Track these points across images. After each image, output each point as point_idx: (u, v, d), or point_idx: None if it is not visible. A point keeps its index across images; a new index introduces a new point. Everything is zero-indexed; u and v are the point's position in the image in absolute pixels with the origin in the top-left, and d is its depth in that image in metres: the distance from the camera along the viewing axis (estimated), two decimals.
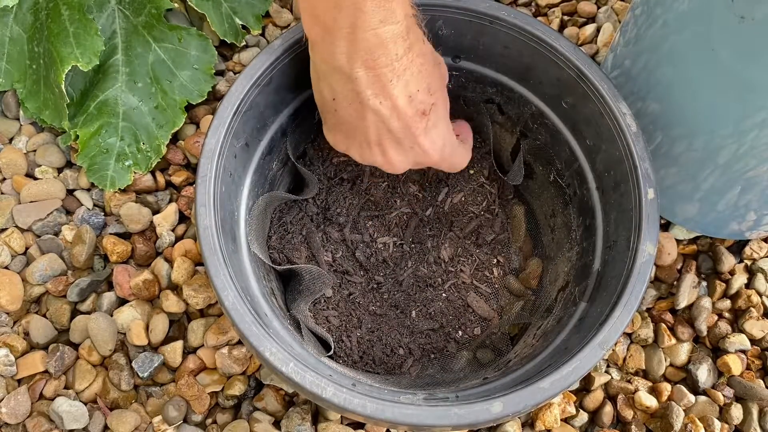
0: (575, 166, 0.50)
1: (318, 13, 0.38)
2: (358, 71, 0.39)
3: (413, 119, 0.41)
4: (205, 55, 0.61)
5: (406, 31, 0.38)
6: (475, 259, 0.54)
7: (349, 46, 0.38)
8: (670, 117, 0.48)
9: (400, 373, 0.49)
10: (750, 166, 0.45)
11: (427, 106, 0.42)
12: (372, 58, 0.38)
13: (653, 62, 0.47)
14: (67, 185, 0.59)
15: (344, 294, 0.52)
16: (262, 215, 0.49)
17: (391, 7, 0.37)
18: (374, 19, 0.36)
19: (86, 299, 0.55)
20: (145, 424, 0.51)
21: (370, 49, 0.38)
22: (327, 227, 0.53)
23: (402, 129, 0.42)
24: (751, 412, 0.52)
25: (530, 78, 0.50)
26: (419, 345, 0.51)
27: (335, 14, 0.36)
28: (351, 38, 0.37)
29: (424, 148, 0.43)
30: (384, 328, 0.51)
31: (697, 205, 0.53)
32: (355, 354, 0.50)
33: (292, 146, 0.51)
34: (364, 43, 0.37)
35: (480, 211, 0.55)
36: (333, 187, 0.54)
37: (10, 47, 0.59)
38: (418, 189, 0.55)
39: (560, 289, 0.50)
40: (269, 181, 0.51)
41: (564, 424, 0.52)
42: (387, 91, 0.40)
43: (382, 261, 0.53)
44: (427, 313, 0.52)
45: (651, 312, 0.56)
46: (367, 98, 0.40)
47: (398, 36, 0.38)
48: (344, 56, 0.38)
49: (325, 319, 0.51)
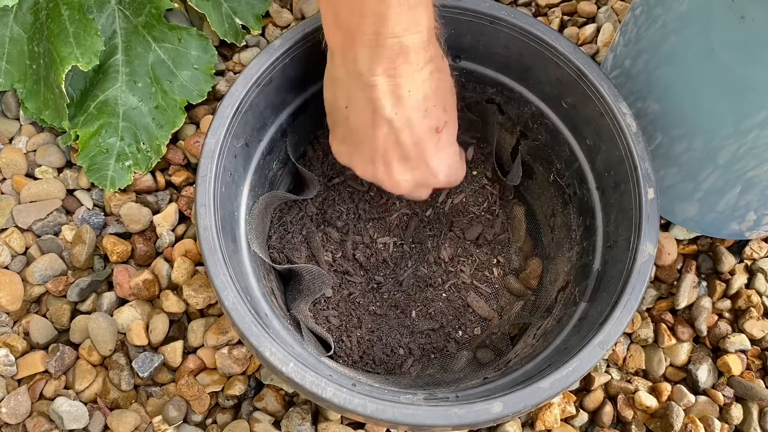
0: (575, 166, 0.50)
1: (341, 19, 0.37)
2: (377, 78, 0.38)
3: (425, 134, 0.41)
4: (205, 55, 0.61)
5: (427, 42, 0.38)
6: (475, 259, 0.54)
7: (371, 52, 0.37)
8: (669, 117, 0.48)
9: (400, 373, 0.49)
10: (750, 167, 0.45)
11: (441, 123, 0.41)
12: (393, 66, 0.38)
13: (653, 62, 0.47)
14: (67, 185, 0.59)
15: (344, 294, 0.52)
16: (262, 214, 0.49)
17: (415, 17, 0.37)
18: (398, 27, 0.36)
19: (86, 299, 0.55)
20: (145, 424, 0.51)
21: (391, 57, 0.37)
22: (327, 227, 0.53)
23: (412, 144, 0.41)
24: (751, 412, 0.52)
25: (530, 78, 0.50)
26: (419, 345, 0.51)
27: (358, 21, 0.36)
28: (373, 45, 0.37)
29: (432, 166, 0.42)
30: (384, 328, 0.51)
31: (696, 205, 0.53)
32: (355, 354, 0.50)
33: (292, 147, 0.51)
34: (386, 50, 0.37)
35: (480, 212, 0.55)
36: (333, 188, 0.54)
37: (10, 47, 0.59)
38: None
39: (560, 289, 0.50)
40: (269, 181, 0.51)
41: (564, 424, 0.52)
42: (403, 101, 0.39)
43: (382, 261, 0.53)
44: (427, 313, 0.52)
45: (651, 312, 0.56)
46: (382, 107, 0.39)
47: (420, 47, 0.38)
48: (365, 63, 0.38)
49: (325, 319, 0.50)
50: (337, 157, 0.46)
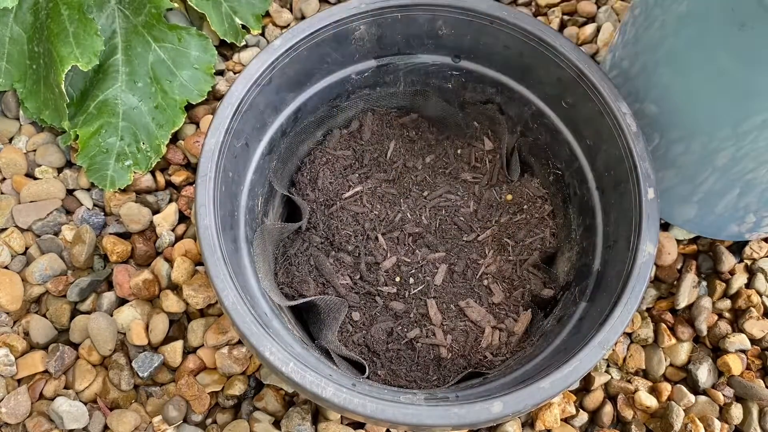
0: (575, 166, 0.50)
1: None
2: None
3: None
4: (205, 54, 0.61)
5: None
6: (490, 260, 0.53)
7: None
8: (667, 119, 0.48)
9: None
10: (748, 169, 0.45)
11: None
12: None
13: (651, 63, 0.47)
14: (67, 185, 0.59)
15: (368, 314, 0.50)
16: (261, 247, 0.48)
17: None
18: None
19: (86, 299, 0.55)
20: (145, 424, 0.51)
21: None
22: (338, 253, 0.51)
23: None
24: (751, 412, 0.52)
25: (530, 78, 0.50)
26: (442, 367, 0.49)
27: None
28: None
29: None
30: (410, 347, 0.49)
31: (695, 207, 0.53)
32: (385, 371, 0.49)
33: (280, 181, 0.51)
34: None
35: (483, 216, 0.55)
36: (333, 215, 0.53)
37: (10, 47, 0.59)
38: (420, 192, 0.55)
39: (560, 288, 0.50)
40: (269, 181, 0.51)
41: (564, 423, 0.52)
42: None
43: (393, 278, 0.51)
44: (450, 330, 0.50)
45: (651, 312, 0.56)
46: None
47: None
48: None
49: (354, 343, 0.49)
50: None
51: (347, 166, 0.55)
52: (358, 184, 0.54)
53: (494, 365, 0.47)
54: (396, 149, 0.56)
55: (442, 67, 0.53)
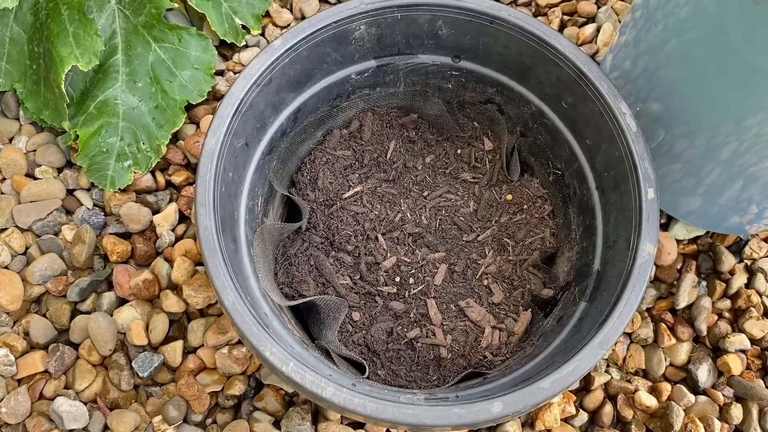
0: (575, 166, 0.50)
1: None
2: None
3: None
4: (205, 55, 0.61)
5: None
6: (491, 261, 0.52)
7: None
8: (672, 116, 0.48)
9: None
10: (752, 162, 0.46)
11: None
12: None
13: (654, 64, 0.47)
14: (67, 185, 0.59)
15: (368, 314, 0.50)
16: (261, 247, 0.48)
17: None
18: None
19: (86, 299, 0.55)
20: (145, 424, 0.51)
21: None
22: (338, 253, 0.51)
23: None
24: (751, 412, 0.52)
25: (530, 78, 0.50)
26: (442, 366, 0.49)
27: None
28: None
29: None
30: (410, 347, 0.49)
31: (699, 199, 0.53)
32: (385, 371, 0.49)
33: (280, 181, 0.50)
34: None
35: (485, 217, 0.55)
36: (335, 213, 0.53)
37: (10, 47, 0.59)
38: (419, 193, 0.55)
39: (560, 288, 0.50)
40: (269, 181, 0.51)
41: (564, 423, 0.52)
42: None
43: (393, 278, 0.51)
44: (451, 331, 0.50)
45: (651, 312, 0.56)
46: None
47: None
48: None
49: (354, 343, 0.49)
50: None
51: (347, 166, 0.55)
52: (358, 184, 0.54)
53: (494, 365, 0.47)
54: (396, 149, 0.56)
55: (442, 68, 0.53)
